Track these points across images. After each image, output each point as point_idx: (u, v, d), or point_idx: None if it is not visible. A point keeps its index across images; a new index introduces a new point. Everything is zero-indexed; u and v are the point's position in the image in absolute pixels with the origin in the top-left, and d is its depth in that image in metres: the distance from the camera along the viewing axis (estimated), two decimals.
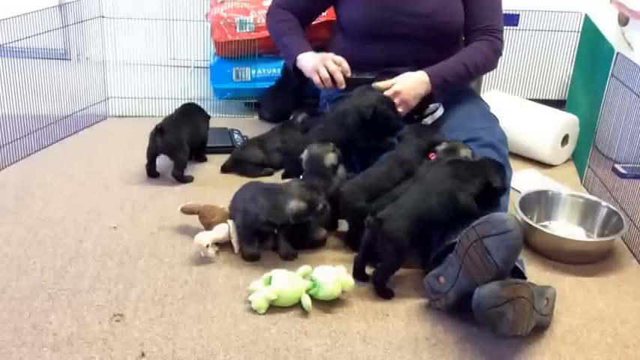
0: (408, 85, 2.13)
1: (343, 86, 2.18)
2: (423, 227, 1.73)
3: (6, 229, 1.95)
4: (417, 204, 1.73)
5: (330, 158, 2.02)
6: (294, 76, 2.35)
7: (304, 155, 2.05)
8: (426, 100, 2.18)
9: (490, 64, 2.29)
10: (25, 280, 1.73)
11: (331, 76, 2.17)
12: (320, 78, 2.18)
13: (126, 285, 1.73)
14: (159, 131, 2.22)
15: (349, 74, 2.18)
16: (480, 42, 2.24)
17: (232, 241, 1.88)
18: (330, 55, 2.20)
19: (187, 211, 1.97)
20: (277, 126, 2.52)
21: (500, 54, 2.29)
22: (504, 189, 1.81)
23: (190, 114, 2.37)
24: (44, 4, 2.57)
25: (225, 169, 2.37)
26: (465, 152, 1.92)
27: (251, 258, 1.86)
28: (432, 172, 1.79)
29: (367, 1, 2.21)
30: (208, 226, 1.91)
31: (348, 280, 1.69)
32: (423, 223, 1.72)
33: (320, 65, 2.18)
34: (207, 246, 1.82)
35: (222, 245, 1.90)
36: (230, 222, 1.90)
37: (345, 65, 2.18)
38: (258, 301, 1.64)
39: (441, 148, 1.96)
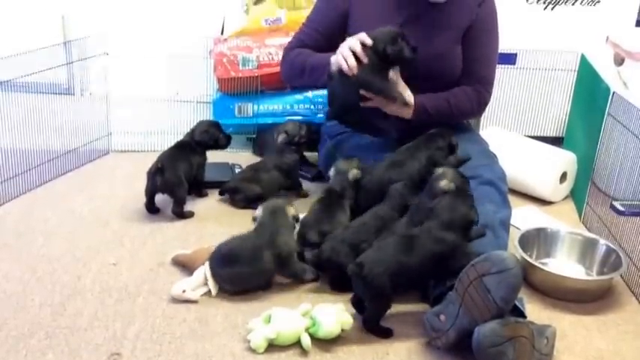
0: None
1: (365, 60, 1.99)
2: (406, 278, 1.68)
3: (5, 265, 1.93)
4: (401, 255, 1.68)
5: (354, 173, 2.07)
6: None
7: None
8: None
9: (472, 111, 2.29)
10: (22, 318, 1.70)
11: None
12: (343, 58, 1.99)
13: (124, 323, 1.70)
14: (158, 170, 2.21)
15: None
16: (470, 87, 2.23)
17: (209, 283, 1.85)
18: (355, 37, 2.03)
19: (175, 264, 1.97)
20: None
21: (486, 105, 2.29)
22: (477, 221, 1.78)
23: (185, 149, 2.34)
24: (50, 41, 2.59)
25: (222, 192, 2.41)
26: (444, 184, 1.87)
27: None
28: (418, 228, 1.75)
29: None
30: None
31: (348, 319, 1.66)
32: (407, 274, 1.68)
33: (343, 47, 2.01)
34: (184, 291, 1.80)
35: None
36: (207, 264, 1.87)
37: (367, 40, 2.00)
38: (257, 340, 1.61)
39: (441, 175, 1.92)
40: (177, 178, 2.24)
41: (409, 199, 1.94)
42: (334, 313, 1.66)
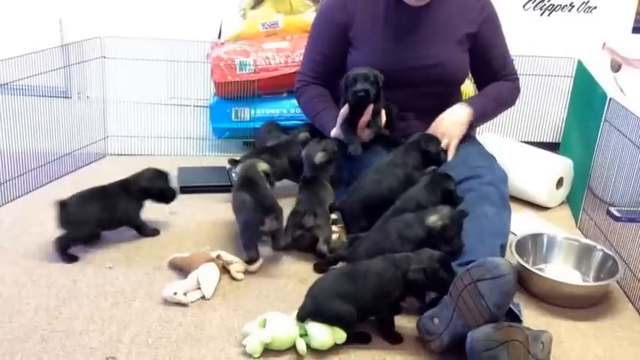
0: (455, 128, 2.18)
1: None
2: (356, 301, 1.66)
3: (1, 269, 1.93)
4: (347, 289, 1.66)
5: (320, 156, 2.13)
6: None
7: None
8: None
9: (513, 100, 2.39)
10: (18, 321, 1.70)
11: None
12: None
13: (119, 327, 1.70)
14: (62, 204, 2.01)
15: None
16: (504, 82, 2.33)
17: (201, 287, 1.84)
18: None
19: (172, 267, 1.97)
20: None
21: (519, 92, 2.39)
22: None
23: (107, 194, 2.09)
24: (48, 44, 2.59)
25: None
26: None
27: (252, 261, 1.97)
28: (364, 264, 1.73)
29: (375, 50, 2.22)
30: None
31: (341, 333, 1.65)
32: (359, 308, 1.66)
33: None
34: (175, 293, 1.79)
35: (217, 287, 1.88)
36: (201, 268, 1.88)
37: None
38: (253, 345, 1.60)
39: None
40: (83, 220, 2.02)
41: None
42: (328, 326, 1.64)
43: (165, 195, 2.18)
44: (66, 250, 2.00)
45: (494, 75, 2.31)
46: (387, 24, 2.20)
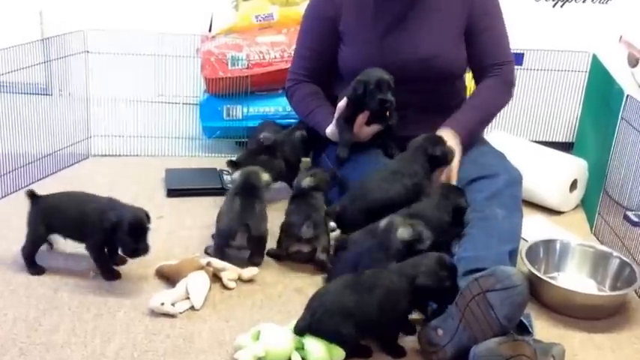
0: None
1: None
2: (360, 319, 1.64)
3: None
4: (350, 303, 1.63)
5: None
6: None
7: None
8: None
9: (504, 98, 2.32)
10: None
11: None
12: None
13: (103, 339, 1.69)
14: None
15: None
16: (489, 79, 2.27)
17: (190, 297, 1.84)
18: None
19: (159, 276, 1.97)
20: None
21: (512, 84, 2.32)
22: None
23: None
24: (27, 37, 2.58)
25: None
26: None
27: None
28: (369, 274, 1.70)
29: (366, 44, 2.23)
30: None
31: (339, 350, 1.64)
32: (362, 323, 1.64)
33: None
34: (163, 304, 1.79)
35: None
36: (190, 276, 1.88)
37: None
38: (245, 358, 1.59)
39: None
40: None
41: None
42: (325, 342, 1.63)
43: (124, 249, 1.90)
44: (32, 258, 1.97)
45: (483, 60, 2.27)
46: (378, 16, 2.20)
